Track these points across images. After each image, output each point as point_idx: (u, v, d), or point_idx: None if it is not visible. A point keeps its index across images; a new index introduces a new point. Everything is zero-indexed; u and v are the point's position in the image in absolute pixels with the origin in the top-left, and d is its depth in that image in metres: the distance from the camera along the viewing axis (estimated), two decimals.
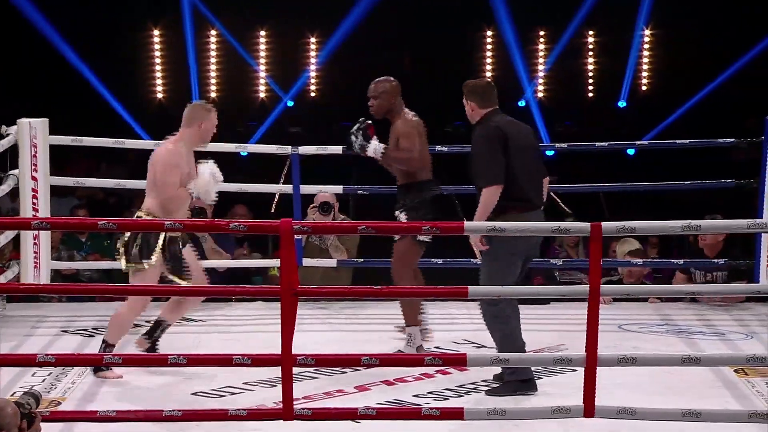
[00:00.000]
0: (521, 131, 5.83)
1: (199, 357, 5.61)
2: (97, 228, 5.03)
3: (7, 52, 11.96)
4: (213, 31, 12.69)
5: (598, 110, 13.01)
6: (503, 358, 5.21)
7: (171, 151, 5.96)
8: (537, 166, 5.84)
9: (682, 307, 7.76)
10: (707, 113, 12.07)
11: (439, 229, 5.13)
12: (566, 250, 9.10)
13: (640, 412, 5.02)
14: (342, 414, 5.11)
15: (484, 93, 5.89)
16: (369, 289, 6.26)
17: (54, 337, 6.86)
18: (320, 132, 12.02)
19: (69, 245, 8.72)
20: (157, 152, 6.00)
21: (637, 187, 8.33)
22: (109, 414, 5.01)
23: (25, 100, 10.91)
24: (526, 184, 5.72)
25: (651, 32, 12.77)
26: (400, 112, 6.34)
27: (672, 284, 7.88)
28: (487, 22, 12.81)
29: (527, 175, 5.73)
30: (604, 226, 4.93)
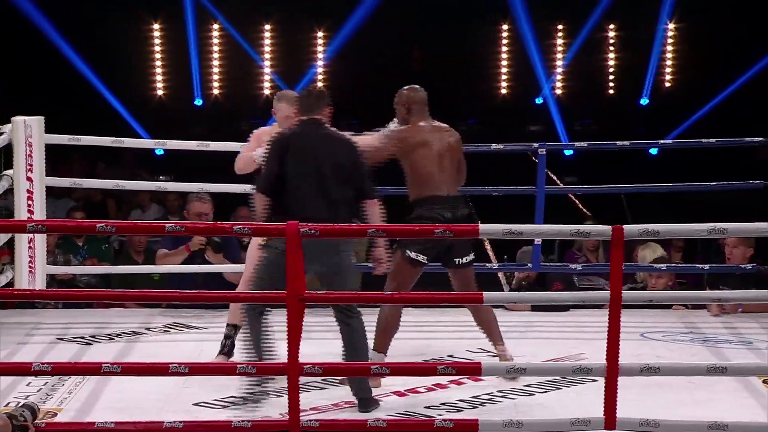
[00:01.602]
0: (318, 148, 5.73)
1: (202, 366, 5.62)
2: (95, 231, 5.05)
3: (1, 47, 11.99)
4: (215, 24, 12.71)
5: (619, 108, 12.99)
6: (521, 368, 5.21)
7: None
8: (329, 187, 5.67)
9: (707, 315, 7.75)
10: (734, 111, 12.06)
11: (453, 232, 5.14)
12: (586, 255, 9.11)
13: (663, 425, 5.02)
14: (351, 426, 5.11)
15: (302, 100, 5.92)
16: (379, 295, 6.27)
17: (49, 345, 6.88)
18: None
19: (65, 249, 8.74)
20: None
21: (660, 188, 8.34)
22: (108, 426, 5.03)
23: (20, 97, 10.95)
24: (295, 202, 5.65)
25: (675, 26, 12.76)
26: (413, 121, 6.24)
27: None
28: (503, 16, 12.81)
29: (300, 193, 5.65)
30: (626, 229, 4.93)
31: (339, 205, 5.69)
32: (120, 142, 7.95)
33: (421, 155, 6.12)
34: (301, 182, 5.66)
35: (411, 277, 6.12)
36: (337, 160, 5.72)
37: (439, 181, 6.10)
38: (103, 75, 12.19)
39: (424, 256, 6.07)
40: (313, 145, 5.75)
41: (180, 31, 12.52)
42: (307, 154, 5.71)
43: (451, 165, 6.17)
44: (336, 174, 5.70)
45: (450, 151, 6.18)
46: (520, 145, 8.17)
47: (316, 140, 5.77)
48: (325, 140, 5.79)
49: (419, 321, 7.37)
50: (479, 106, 13.05)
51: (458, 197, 6.14)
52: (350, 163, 5.74)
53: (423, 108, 6.24)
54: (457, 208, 6.07)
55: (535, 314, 7.65)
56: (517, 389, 5.92)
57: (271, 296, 6.83)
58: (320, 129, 5.83)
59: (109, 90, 12.18)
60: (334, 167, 5.70)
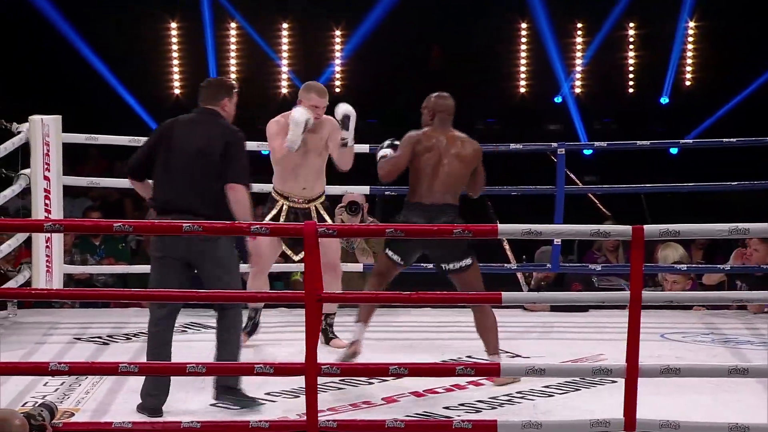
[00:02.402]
0: (189, 134, 5.77)
1: (220, 366, 5.63)
2: (112, 230, 5.06)
3: (20, 47, 12.04)
4: (233, 23, 12.73)
5: (638, 107, 12.97)
6: (540, 369, 5.20)
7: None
8: (185, 171, 5.70)
9: (728, 316, 7.73)
10: (755, 110, 12.02)
11: (472, 232, 5.13)
12: (605, 255, 9.09)
13: (684, 426, 5.01)
14: (369, 426, 5.11)
15: (200, 90, 5.93)
16: (397, 295, 6.26)
17: (67, 345, 6.90)
18: None
19: (82, 249, 8.77)
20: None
21: (680, 188, 8.31)
22: (125, 426, 5.04)
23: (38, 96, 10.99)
24: (161, 186, 5.74)
25: (695, 24, 12.73)
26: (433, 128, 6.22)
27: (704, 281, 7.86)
28: (521, 14, 12.79)
29: (168, 178, 5.72)
30: (647, 229, 4.93)
31: (200, 192, 5.70)
32: (137, 141, 7.91)
33: (421, 162, 6.14)
34: (163, 168, 5.75)
35: (388, 270, 6.21)
36: (203, 148, 5.73)
37: (427, 189, 6.10)
38: (120, 74, 12.23)
39: (399, 257, 6.14)
40: (185, 132, 5.80)
41: (197, 30, 12.55)
42: (176, 141, 5.77)
43: (451, 176, 6.11)
44: (200, 162, 5.73)
45: (457, 162, 6.13)
46: (540, 144, 8.16)
47: (190, 128, 5.82)
48: (198, 128, 5.81)
49: (437, 321, 7.37)
50: (498, 105, 13.05)
51: (442, 207, 6.09)
52: (218, 150, 5.74)
53: (447, 117, 6.22)
54: (435, 218, 6.04)
55: (554, 315, 7.65)
56: (536, 390, 5.92)
57: (288, 296, 6.87)
58: (203, 117, 5.86)
59: (127, 89, 12.21)
60: (199, 155, 5.73)
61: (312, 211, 6.84)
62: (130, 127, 9.92)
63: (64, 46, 11.96)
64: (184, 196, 5.70)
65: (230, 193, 5.71)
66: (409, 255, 6.17)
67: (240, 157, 5.81)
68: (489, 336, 6.13)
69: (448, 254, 6.09)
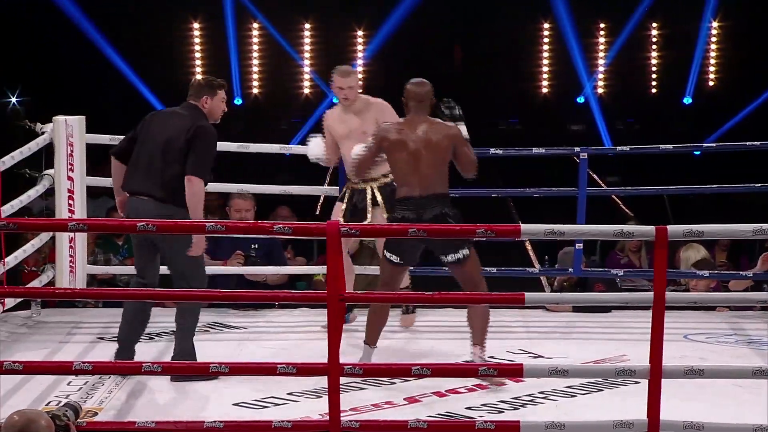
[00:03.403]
0: (162, 124, 6.12)
1: (242, 366, 5.65)
2: (135, 230, 5.08)
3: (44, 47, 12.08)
4: (255, 23, 12.75)
5: (661, 107, 12.92)
6: (563, 369, 5.19)
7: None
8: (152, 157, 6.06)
9: (752, 316, 7.70)
10: None
11: (495, 232, 5.13)
12: (628, 256, 9.06)
13: (707, 428, 5.00)
14: (391, 427, 5.12)
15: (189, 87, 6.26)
16: (420, 296, 6.27)
17: (90, 345, 6.93)
18: None
19: (105, 249, 8.79)
20: None
21: (704, 189, 8.27)
22: (148, 425, 5.06)
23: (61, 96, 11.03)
24: (130, 170, 6.15)
25: (719, 24, 12.67)
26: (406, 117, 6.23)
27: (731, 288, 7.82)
28: (544, 14, 12.77)
29: (136, 163, 6.11)
30: (670, 229, 4.91)
31: (159, 178, 6.02)
32: None
33: (396, 155, 6.13)
34: (136, 154, 6.14)
35: (390, 275, 6.19)
36: (170, 138, 6.05)
37: (411, 181, 6.07)
38: (143, 74, 12.26)
39: (396, 256, 6.12)
40: (161, 122, 6.15)
41: (220, 30, 12.57)
42: (152, 130, 6.14)
43: (430, 164, 6.06)
44: (166, 151, 6.05)
45: (430, 149, 6.06)
46: (562, 149, 8.10)
47: (167, 119, 6.17)
48: (173, 120, 6.12)
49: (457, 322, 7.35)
50: (520, 105, 13.02)
51: (431, 197, 6.05)
52: (183, 140, 6.02)
53: (419, 104, 6.16)
54: (424, 210, 6.02)
55: (576, 315, 7.63)
56: (559, 391, 5.91)
57: (310, 296, 6.88)
58: (181, 110, 6.17)
59: (150, 89, 12.24)
60: (166, 144, 6.05)
61: (367, 191, 7.00)
62: None
63: (87, 47, 11.99)
64: (146, 180, 6.08)
65: (186, 184, 5.99)
66: (407, 253, 6.13)
67: (201, 151, 6.03)
68: (477, 327, 6.08)
69: (446, 246, 6.06)
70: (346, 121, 7.04)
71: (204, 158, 6.04)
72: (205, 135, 6.07)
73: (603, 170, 10.32)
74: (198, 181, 6.00)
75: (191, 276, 6.10)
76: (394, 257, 6.14)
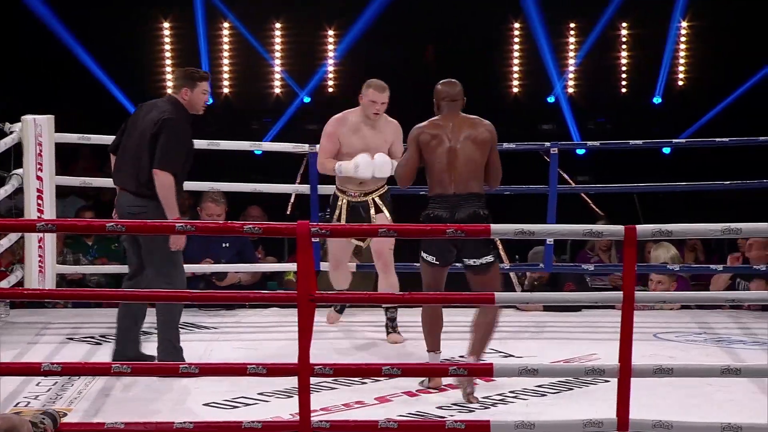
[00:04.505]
0: (142, 117, 6.19)
1: (212, 366, 5.63)
2: (104, 230, 5.05)
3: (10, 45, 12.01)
4: (226, 23, 12.71)
5: (631, 107, 12.96)
6: (533, 369, 5.20)
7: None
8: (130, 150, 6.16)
9: (721, 315, 7.73)
10: (748, 110, 12.02)
11: (464, 232, 5.13)
12: (598, 255, 9.09)
13: (676, 426, 5.01)
14: (362, 427, 5.11)
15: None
16: (390, 296, 6.29)
17: (59, 345, 6.89)
18: None
19: (75, 249, 8.75)
20: None
21: (673, 187, 8.31)
22: (117, 426, 5.03)
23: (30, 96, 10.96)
24: (116, 164, 6.26)
25: (688, 24, 12.72)
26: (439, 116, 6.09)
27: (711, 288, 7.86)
28: (514, 14, 12.79)
29: (120, 157, 6.23)
30: (639, 229, 4.93)
31: (134, 171, 6.11)
32: None
33: (432, 152, 5.97)
34: (121, 149, 6.24)
35: (432, 277, 6.02)
36: (143, 131, 6.12)
37: (447, 179, 5.94)
38: (113, 73, 12.20)
39: (432, 257, 5.97)
40: (141, 115, 6.22)
41: (190, 30, 12.52)
42: (133, 122, 6.22)
43: (468, 162, 5.94)
44: (139, 144, 6.12)
45: (470, 145, 5.96)
46: (532, 144, 8.15)
47: (146, 111, 6.22)
48: (151, 112, 6.16)
49: None
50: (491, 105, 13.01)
51: (466, 196, 5.93)
52: (149, 134, 6.08)
53: (451, 104, 6.04)
54: (458, 209, 5.90)
55: (547, 314, 7.65)
56: (529, 390, 5.92)
57: (281, 296, 6.87)
58: (160, 102, 6.22)
59: (120, 89, 12.19)
60: (140, 137, 6.12)
61: (369, 203, 6.94)
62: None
63: (56, 46, 11.93)
64: (125, 173, 6.18)
65: (155, 177, 6.04)
66: (443, 253, 5.96)
67: (165, 143, 6.06)
68: (479, 333, 5.98)
69: (476, 249, 5.92)
70: (364, 136, 6.88)
71: (168, 151, 6.04)
72: (170, 128, 6.06)
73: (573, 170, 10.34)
74: (163, 174, 6.02)
75: (168, 273, 6.06)
76: (430, 257, 5.98)
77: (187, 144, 6.17)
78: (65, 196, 9.78)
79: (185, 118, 6.18)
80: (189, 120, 6.22)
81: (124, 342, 6.22)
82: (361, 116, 6.90)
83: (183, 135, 6.12)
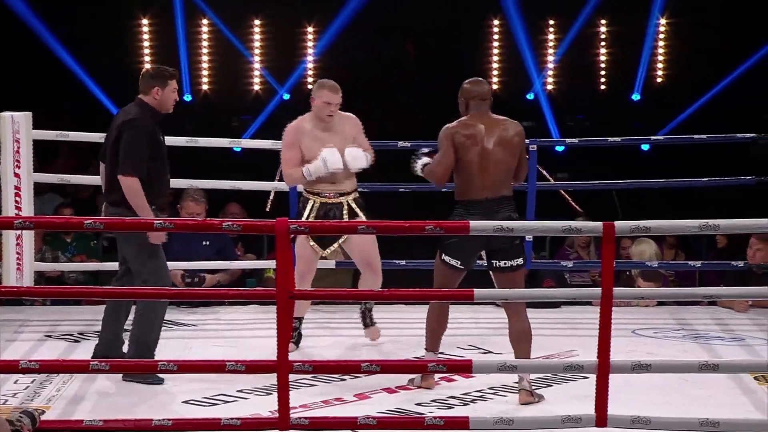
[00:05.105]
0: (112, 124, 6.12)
1: (191, 363, 5.62)
2: (82, 228, 5.04)
3: None
4: (205, 20, 12.68)
5: (610, 103, 12.99)
6: (512, 365, 5.21)
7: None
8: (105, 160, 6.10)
9: (699, 311, 7.77)
10: (727, 107, 12.07)
11: (444, 229, 5.13)
12: (577, 251, 9.11)
13: (654, 422, 5.03)
14: (341, 423, 5.11)
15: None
16: (369, 293, 6.28)
17: (37, 343, 6.87)
18: None
19: (54, 246, 8.72)
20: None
21: (651, 184, 8.34)
22: (96, 423, 5.02)
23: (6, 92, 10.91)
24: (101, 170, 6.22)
25: (666, 21, 12.76)
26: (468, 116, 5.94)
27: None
28: (493, 11, 12.80)
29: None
30: (618, 225, 4.94)
31: (108, 179, 6.05)
32: None
33: (464, 154, 5.82)
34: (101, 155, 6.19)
35: (448, 279, 5.90)
36: (111, 137, 6.07)
37: (478, 184, 5.80)
38: (91, 70, 12.15)
39: (457, 261, 5.84)
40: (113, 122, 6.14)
41: (169, 27, 12.49)
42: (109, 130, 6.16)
43: (498, 163, 5.82)
44: (110, 150, 6.05)
45: (502, 148, 5.83)
46: None
47: (116, 118, 6.15)
48: (116, 119, 6.12)
49: (410, 318, 7.36)
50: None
51: (500, 200, 5.81)
52: (116, 138, 6.02)
53: (481, 103, 5.89)
54: (494, 214, 5.76)
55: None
56: (509, 386, 5.92)
57: (260, 293, 6.86)
58: (128, 107, 6.14)
59: (98, 85, 12.15)
60: (111, 143, 6.05)
61: (344, 205, 6.69)
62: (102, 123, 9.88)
63: (34, 42, 11.88)
64: (103, 180, 6.13)
65: (121, 184, 5.95)
66: (469, 257, 5.87)
67: (126, 148, 5.97)
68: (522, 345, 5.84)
69: (506, 252, 5.82)
70: (323, 139, 6.60)
71: (129, 155, 5.92)
72: (130, 130, 5.95)
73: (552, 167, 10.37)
74: (128, 179, 5.90)
75: (149, 273, 5.97)
76: (454, 261, 5.85)
77: (153, 145, 6.00)
78: (43, 194, 9.74)
79: (152, 119, 6.05)
80: (157, 121, 6.09)
81: (107, 341, 6.15)
82: (314, 120, 6.67)
83: (146, 137, 5.96)
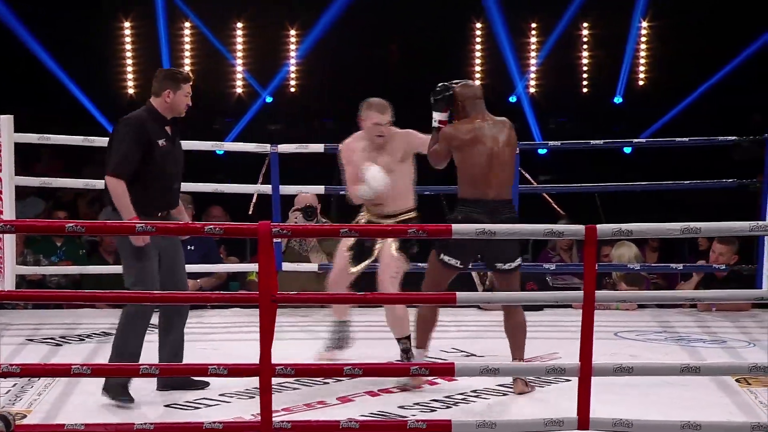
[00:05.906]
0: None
1: (173, 367, 5.61)
2: (64, 231, 5.02)
3: None
4: (187, 23, 12.67)
5: (592, 106, 13.03)
6: (494, 368, 5.21)
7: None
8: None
9: (681, 314, 7.79)
10: (708, 109, 12.11)
11: (426, 232, 5.13)
12: (559, 254, 9.13)
13: (636, 425, 5.04)
14: (323, 427, 5.11)
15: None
16: (351, 296, 6.27)
17: (19, 346, 6.85)
18: (300, 129, 12.00)
19: (41, 250, 8.69)
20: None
21: (634, 187, 8.36)
22: (77, 428, 5.01)
23: None
24: None
25: (648, 24, 12.80)
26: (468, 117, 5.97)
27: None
28: (476, 14, 12.82)
29: None
30: (600, 228, 4.95)
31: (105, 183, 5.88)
32: (90, 142, 7.88)
33: (470, 154, 5.85)
34: None
35: (443, 277, 5.97)
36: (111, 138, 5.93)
37: (487, 183, 5.84)
38: (73, 73, 12.13)
39: (456, 260, 5.90)
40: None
41: (151, 29, 12.47)
42: None
43: (504, 164, 5.87)
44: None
45: (506, 151, 5.88)
46: None
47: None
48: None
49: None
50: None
51: (504, 201, 5.88)
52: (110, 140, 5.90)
53: (479, 101, 5.96)
54: (498, 214, 5.81)
55: None
56: (491, 389, 5.94)
57: (242, 297, 6.85)
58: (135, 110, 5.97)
59: (80, 89, 12.12)
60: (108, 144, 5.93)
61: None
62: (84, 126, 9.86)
63: (15, 45, 11.86)
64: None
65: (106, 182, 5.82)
66: (467, 257, 5.92)
67: (113, 147, 5.85)
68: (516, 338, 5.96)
69: (504, 253, 5.89)
70: (373, 159, 6.31)
71: (115, 154, 5.77)
72: (119, 130, 5.81)
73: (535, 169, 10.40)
74: (111, 180, 5.74)
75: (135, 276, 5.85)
76: (453, 260, 5.89)
77: (147, 148, 5.81)
78: (25, 197, 9.71)
79: (154, 121, 5.88)
80: (161, 123, 5.92)
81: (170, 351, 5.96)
82: (366, 140, 6.37)
83: (136, 137, 5.78)
